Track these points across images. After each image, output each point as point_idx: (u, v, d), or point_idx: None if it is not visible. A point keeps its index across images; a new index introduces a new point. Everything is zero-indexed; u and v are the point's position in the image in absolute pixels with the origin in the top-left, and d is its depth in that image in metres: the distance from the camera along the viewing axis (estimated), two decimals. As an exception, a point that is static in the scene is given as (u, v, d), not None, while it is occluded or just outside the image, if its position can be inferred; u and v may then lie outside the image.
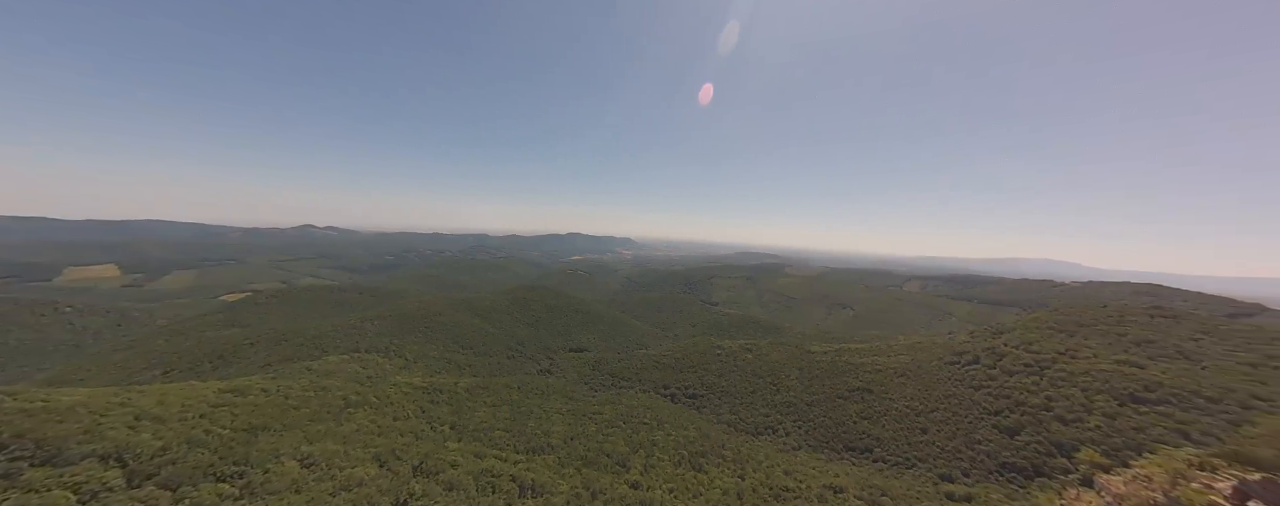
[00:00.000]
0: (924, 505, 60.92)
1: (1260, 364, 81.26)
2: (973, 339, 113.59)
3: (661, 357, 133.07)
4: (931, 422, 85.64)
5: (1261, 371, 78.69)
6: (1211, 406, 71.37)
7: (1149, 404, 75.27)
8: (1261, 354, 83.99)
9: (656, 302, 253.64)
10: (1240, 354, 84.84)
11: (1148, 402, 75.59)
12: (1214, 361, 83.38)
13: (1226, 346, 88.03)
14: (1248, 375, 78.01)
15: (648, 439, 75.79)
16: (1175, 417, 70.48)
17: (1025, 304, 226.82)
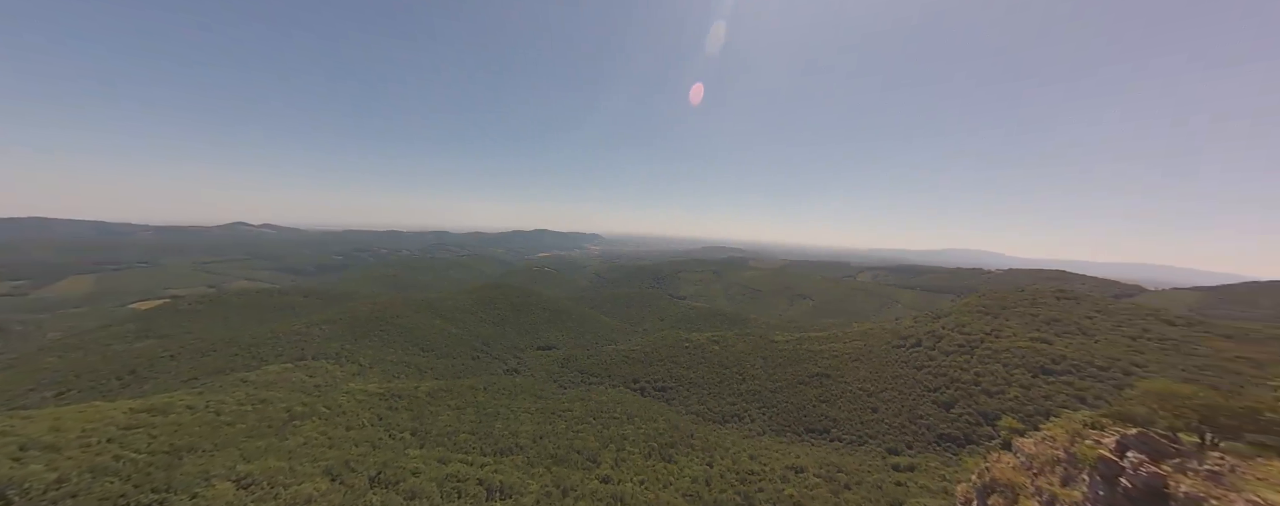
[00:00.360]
0: (874, 477, 67.62)
1: (1138, 336, 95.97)
2: (916, 323, 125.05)
3: (631, 352, 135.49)
4: (881, 402, 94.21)
5: (1139, 342, 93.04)
6: (1102, 374, 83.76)
7: (1056, 374, 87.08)
8: (1139, 327, 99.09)
9: (625, 298, 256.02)
10: (1124, 328, 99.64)
11: (1055, 373, 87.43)
12: (1104, 335, 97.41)
13: (1113, 322, 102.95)
14: (1129, 346, 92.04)
15: (618, 433, 77.91)
16: (1075, 385, 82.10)
17: (958, 290, 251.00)
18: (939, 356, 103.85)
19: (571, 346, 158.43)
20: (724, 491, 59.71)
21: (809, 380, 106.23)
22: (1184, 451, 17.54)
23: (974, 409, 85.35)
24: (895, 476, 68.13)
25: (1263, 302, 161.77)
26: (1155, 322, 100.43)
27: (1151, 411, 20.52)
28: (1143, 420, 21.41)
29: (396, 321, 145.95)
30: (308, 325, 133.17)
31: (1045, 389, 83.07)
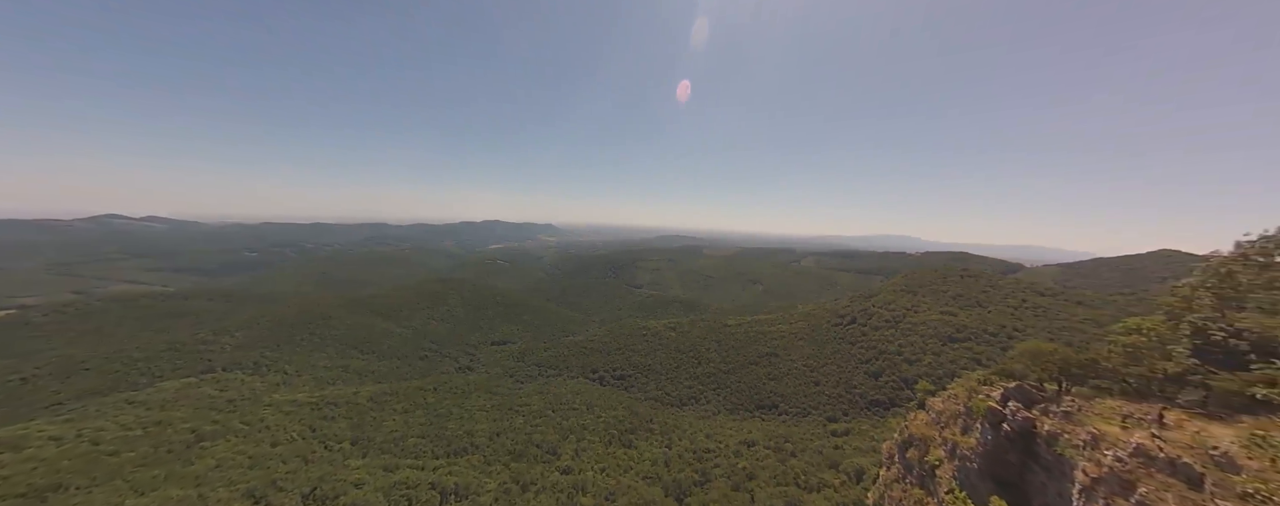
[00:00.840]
0: (815, 443, 74.21)
1: (1018, 306, 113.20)
2: (851, 303, 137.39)
3: (589, 343, 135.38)
4: (822, 376, 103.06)
5: (1019, 311, 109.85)
6: (993, 338, 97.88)
7: (959, 341, 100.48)
8: (1019, 299, 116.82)
9: (582, 289, 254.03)
10: (1009, 300, 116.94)
11: (959, 341, 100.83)
12: (995, 306, 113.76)
13: (1001, 295, 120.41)
14: (1012, 314, 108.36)
15: (578, 424, 78.17)
16: (973, 350, 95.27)
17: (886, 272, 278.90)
18: (870, 331, 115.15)
19: (528, 340, 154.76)
20: (682, 470, 62.47)
21: (759, 360, 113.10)
22: (1047, 397, 21.17)
23: (898, 376, 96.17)
24: (834, 441, 75.31)
25: (1104, 275, 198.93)
26: (1031, 294, 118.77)
27: (1026, 367, 24.48)
28: (1019, 375, 25.45)
29: (329, 323, 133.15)
30: (215, 333, 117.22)
31: (951, 354, 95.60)
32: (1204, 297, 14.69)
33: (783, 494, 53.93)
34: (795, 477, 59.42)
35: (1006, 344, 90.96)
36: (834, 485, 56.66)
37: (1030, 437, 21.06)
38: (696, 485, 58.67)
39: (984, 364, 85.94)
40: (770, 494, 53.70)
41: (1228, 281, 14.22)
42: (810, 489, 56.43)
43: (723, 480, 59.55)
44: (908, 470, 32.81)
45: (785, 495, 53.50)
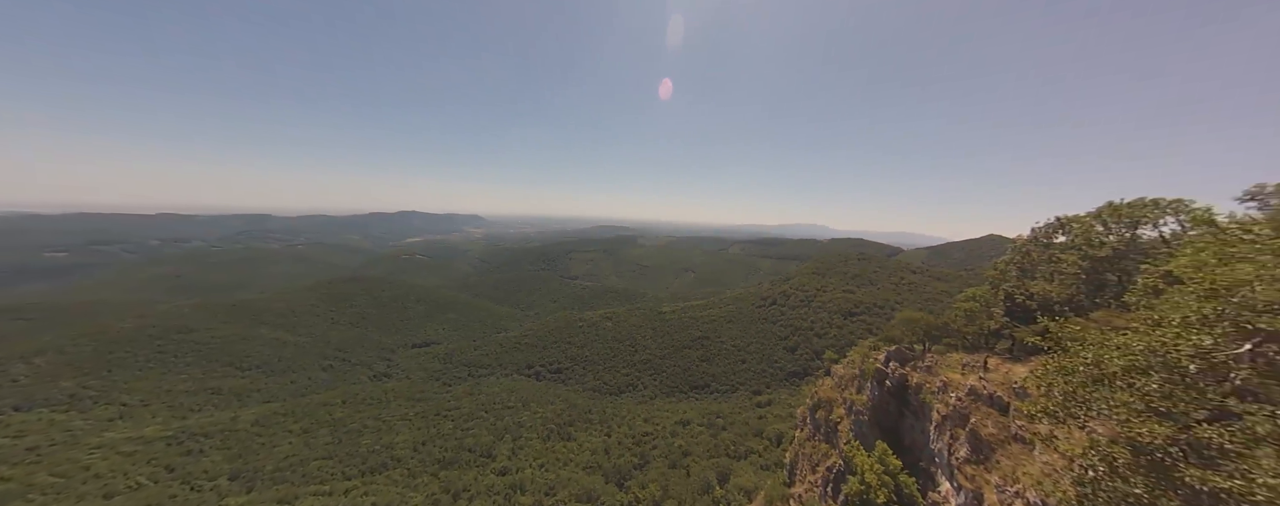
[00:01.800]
0: (743, 416, 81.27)
1: (898, 283, 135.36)
2: (772, 286, 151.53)
3: (523, 338, 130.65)
4: (748, 354, 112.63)
5: (898, 288, 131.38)
6: (880, 311, 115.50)
7: (856, 315, 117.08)
8: (899, 277, 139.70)
9: (514, 282, 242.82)
10: (891, 278, 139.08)
11: (856, 315, 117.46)
12: (882, 284, 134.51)
13: (886, 274, 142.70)
14: (893, 290, 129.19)
15: (513, 422, 75.65)
16: (867, 322, 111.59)
17: (801, 257, 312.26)
18: (787, 311, 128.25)
19: (456, 339, 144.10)
20: (622, 456, 64.16)
21: (692, 344, 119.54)
22: (916, 356, 25.89)
23: (810, 349, 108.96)
24: (758, 412, 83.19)
25: (954, 255, 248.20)
26: (906, 273, 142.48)
27: (901, 333, 29.58)
28: (898, 339, 30.62)
29: (190, 337, 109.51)
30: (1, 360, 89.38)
31: (850, 327, 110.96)
32: (1011, 271, 19.16)
33: (715, 465, 58.48)
34: (726, 448, 64.72)
35: (890, 315, 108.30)
36: (758, 451, 62.93)
37: (904, 389, 25.66)
38: (636, 468, 60.83)
39: (874, 333, 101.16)
40: (704, 466, 57.87)
41: (1026, 258, 18.72)
42: (738, 456, 61.96)
43: (661, 460, 62.56)
44: (817, 429, 37.80)
45: (717, 466, 58.10)
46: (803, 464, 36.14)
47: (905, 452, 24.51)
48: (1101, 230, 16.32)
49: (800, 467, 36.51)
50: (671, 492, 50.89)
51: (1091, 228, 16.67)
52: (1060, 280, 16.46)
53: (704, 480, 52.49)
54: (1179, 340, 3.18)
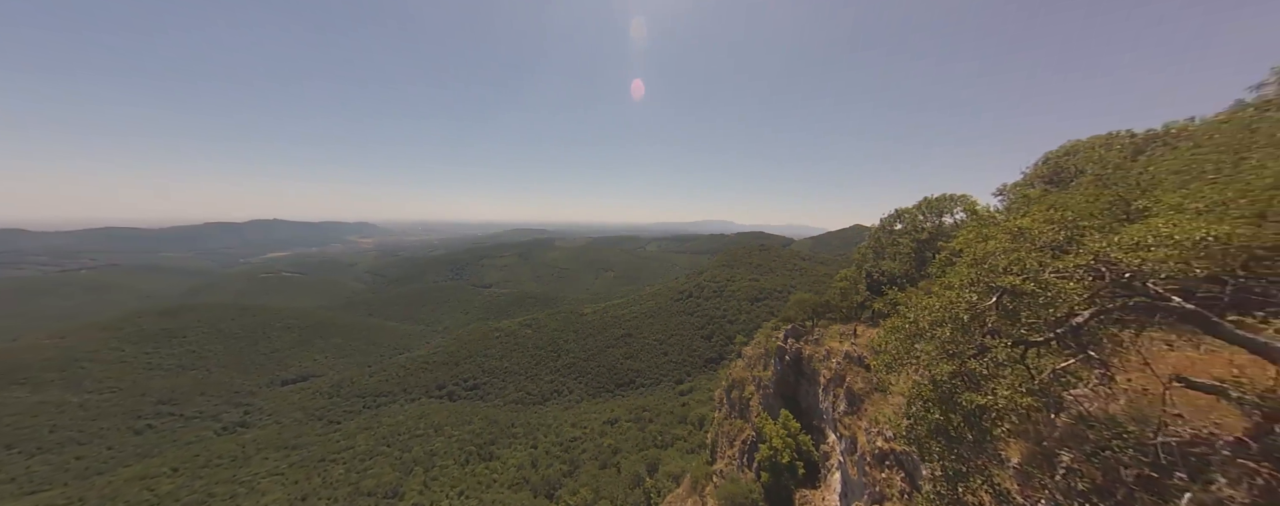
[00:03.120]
0: (668, 406, 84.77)
1: (792, 269, 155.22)
2: (688, 280, 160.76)
3: (432, 357, 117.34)
4: (670, 347, 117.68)
5: (793, 273, 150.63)
6: (780, 295, 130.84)
7: (761, 301, 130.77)
8: (792, 264, 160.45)
9: (417, 295, 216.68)
10: (787, 265, 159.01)
11: (761, 300, 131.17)
12: (780, 271, 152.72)
13: (783, 262, 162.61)
14: (789, 275, 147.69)
15: (424, 452, 67.68)
16: (770, 306, 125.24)
17: (712, 251, 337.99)
18: (702, 302, 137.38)
19: (344, 368, 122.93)
20: (550, 466, 61.90)
21: (615, 343, 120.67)
22: (807, 331, 29.95)
23: (723, 335, 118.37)
24: (681, 399, 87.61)
25: (832, 243, 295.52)
26: (798, 260, 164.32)
27: (796, 312, 33.95)
28: (793, 318, 35.02)
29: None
30: None
31: (757, 311, 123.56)
32: (869, 253, 23.48)
33: (644, 457, 60.02)
34: (654, 439, 66.87)
35: (787, 298, 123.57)
36: (684, 436, 66.38)
37: (800, 361, 29.50)
38: (566, 476, 59.26)
39: (775, 314, 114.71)
40: (634, 461, 58.97)
41: (877, 242, 23.11)
42: (665, 445, 64.55)
43: (591, 462, 61.96)
44: (733, 407, 41.34)
45: (646, 457, 59.72)
46: (722, 441, 39.20)
47: (803, 415, 28.27)
48: (922, 219, 20.97)
49: (720, 445, 39.54)
50: (603, 493, 50.83)
51: (916, 217, 21.31)
52: (899, 259, 20.67)
53: (634, 474, 53.56)
54: (958, 298, 4.20)
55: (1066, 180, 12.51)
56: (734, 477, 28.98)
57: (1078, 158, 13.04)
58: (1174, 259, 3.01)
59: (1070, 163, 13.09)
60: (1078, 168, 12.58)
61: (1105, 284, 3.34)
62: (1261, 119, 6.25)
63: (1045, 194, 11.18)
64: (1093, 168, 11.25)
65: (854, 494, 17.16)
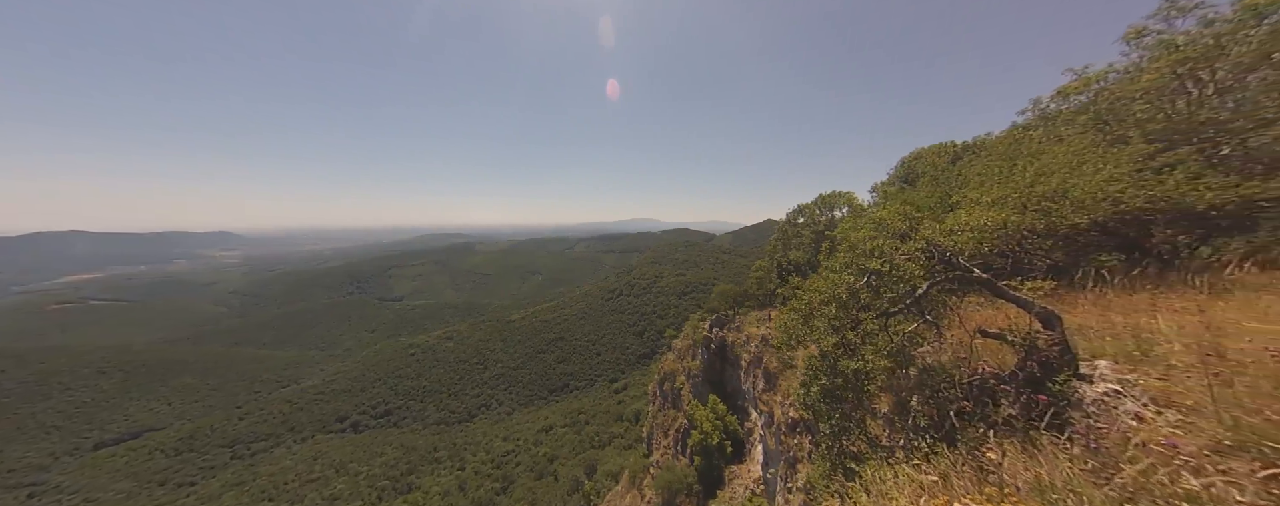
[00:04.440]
0: (604, 405, 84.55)
1: (715, 263, 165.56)
2: (617, 279, 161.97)
3: (327, 386, 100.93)
4: (602, 347, 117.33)
5: (716, 267, 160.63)
6: (705, 288, 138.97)
7: (688, 294, 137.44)
8: (715, 258, 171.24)
9: (306, 316, 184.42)
10: (710, 259, 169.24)
11: (688, 294, 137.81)
12: (704, 266, 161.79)
13: (706, 256, 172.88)
14: (712, 269, 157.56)
15: (322, 498, 58.14)
16: (696, 298, 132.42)
17: (639, 249, 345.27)
18: (632, 299, 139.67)
19: (199, 415, 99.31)
20: (481, 486, 57.67)
21: (547, 348, 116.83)
22: (729, 319, 32.31)
23: (654, 330, 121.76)
24: (617, 398, 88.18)
25: (749, 237, 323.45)
26: (720, 254, 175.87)
27: (719, 303, 36.41)
28: (717, 308, 37.47)
29: None
30: None
31: (684, 305, 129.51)
32: (779, 245, 26.24)
33: (582, 460, 59.19)
34: (591, 441, 66.28)
35: (711, 290, 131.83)
36: (620, 433, 66.93)
37: (724, 348, 31.71)
38: (500, 493, 55.76)
39: (701, 306, 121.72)
40: (571, 466, 57.81)
41: (785, 235, 25.95)
42: (603, 445, 64.44)
43: (527, 474, 59.20)
44: (665, 399, 42.85)
45: (584, 460, 58.97)
46: (657, 433, 40.44)
47: (728, 398, 30.48)
48: (818, 213, 24.12)
49: (656, 437, 40.76)
50: (541, 503, 48.97)
51: (814, 211, 24.44)
52: (801, 248, 23.48)
53: (573, 479, 52.53)
54: (839, 281, 4.94)
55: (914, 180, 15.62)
56: (669, 466, 30.12)
57: (920, 162, 16.41)
58: (972, 241, 4.08)
59: (917, 166, 16.41)
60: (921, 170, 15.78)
61: (934, 262, 4.24)
62: (1024, 137, 8.68)
63: (901, 191, 13.89)
64: (928, 170, 14.31)
65: (773, 461, 19.09)
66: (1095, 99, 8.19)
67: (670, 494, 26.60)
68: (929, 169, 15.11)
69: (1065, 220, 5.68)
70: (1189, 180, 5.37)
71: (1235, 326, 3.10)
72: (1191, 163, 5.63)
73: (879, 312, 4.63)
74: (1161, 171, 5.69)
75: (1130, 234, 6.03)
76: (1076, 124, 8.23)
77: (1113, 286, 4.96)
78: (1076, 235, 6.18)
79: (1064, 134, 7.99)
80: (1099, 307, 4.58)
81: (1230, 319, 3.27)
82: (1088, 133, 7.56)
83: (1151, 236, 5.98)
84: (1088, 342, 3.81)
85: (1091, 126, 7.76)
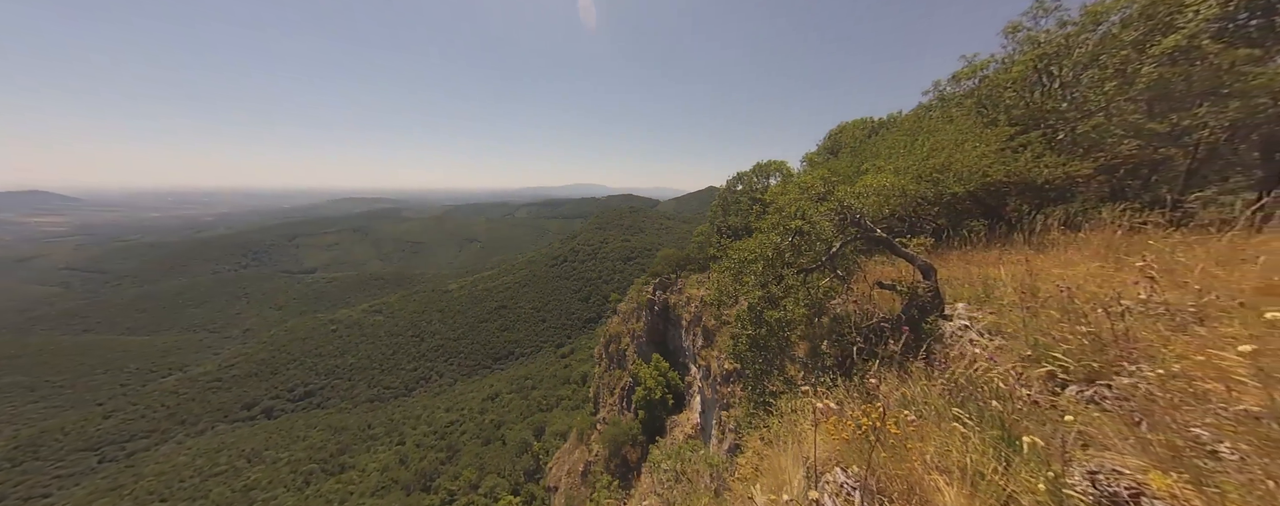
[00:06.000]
0: (550, 370, 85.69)
1: (659, 229, 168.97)
2: (562, 245, 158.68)
3: (225, 371, 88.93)
4: (548, 313, 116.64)
5: (659, 232, 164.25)
6: (649, 253, 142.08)
7: (633, 259, 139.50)
8: (659, 224, 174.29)
9: (187, 294, 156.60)
10: (654, 225, 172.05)
11: (633, 259, 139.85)
12: (649, 231, 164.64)
13: (650, 222, 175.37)
14: (656, 234, 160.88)
15: (234, 490, 53.15)
16: (640, 263, 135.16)
17: (584, 215, 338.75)
18: (577, 266, 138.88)
19: (41, 417, 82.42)
20: (423, 458, 56.71)
21: (489, 316, 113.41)
22: (672, 282, 33.74)
23: (599, 295, 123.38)
24: (563, 362, 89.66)
25: (691, 204, 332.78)
26: (664, 219, 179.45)
27: (662, 267, 37.66)
28: (661, 272, 38.77)
29: None
30: None
31: (629, 270, 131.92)
32: (719, 211, 27.42)
33: (531, 423, 60.50)
34: (538, 404, 67.58)
35: (655, 255, 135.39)
36: (567, 395, 68.99)
37: (667, 310, 33.32)
38: (445, 462, 55.43)
39: (645, 271, 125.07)
40: (519, 429, 58.89)
41: (725, 201, 27.13)
42: (550, 407, 66.18)
43: (473, 441, 59.25)
44: (611, 360, 44.57)
45: (532, 423, 60.33)
46: (603, 392, 42.37)
47: (671, 356, 32.60)
48: (755, 180, 25.44)
49: (602, 396, 42.73)
50: (490, 467, 49.80)
51: (751, 179, 25.71)
52: (739, 214, 24.82)
53: (521, 442, 53.77)
54: (767, 241, 5.39)
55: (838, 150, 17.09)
56: (615, 421, 32.05)
57: (844, 134, 17.94)
58: (876, 202, 4.72)
59: (841, 138, 17.92)
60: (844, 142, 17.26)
61: (847, 223, 4.82)
62: (924, 116, 9.89)
63: (827, 160, 15.18)
64: (850, 142, 15.75)
65: (709, 409, 21.21)
66: (980, 85, 9.46)
67: (616, 445, 28.56)
68: (851, 141, 16.58)
69: (949, 189, 6.72)
70: (1034, 159, 6.59)
71: (1046, 273, 4.03)
72: (1037, 144, 6.87)
73: (799, 269, 5.23)
74: (1018, 151, 6.89)
75: (991, 203, 7.36)
76: (964, 106, 9.51)
77: (975, 246, 6.09)
78: (956, 203, 7.36)
79: (954, 115, 9.21)
80: (963, 262, 5.62)
81: (1044, 267, 4.24)
82: (971, 115, 8.79)
83: (1006, 205, 7.34)
84: (953, 290, 4.72)
85: (974, 110, 9.03)
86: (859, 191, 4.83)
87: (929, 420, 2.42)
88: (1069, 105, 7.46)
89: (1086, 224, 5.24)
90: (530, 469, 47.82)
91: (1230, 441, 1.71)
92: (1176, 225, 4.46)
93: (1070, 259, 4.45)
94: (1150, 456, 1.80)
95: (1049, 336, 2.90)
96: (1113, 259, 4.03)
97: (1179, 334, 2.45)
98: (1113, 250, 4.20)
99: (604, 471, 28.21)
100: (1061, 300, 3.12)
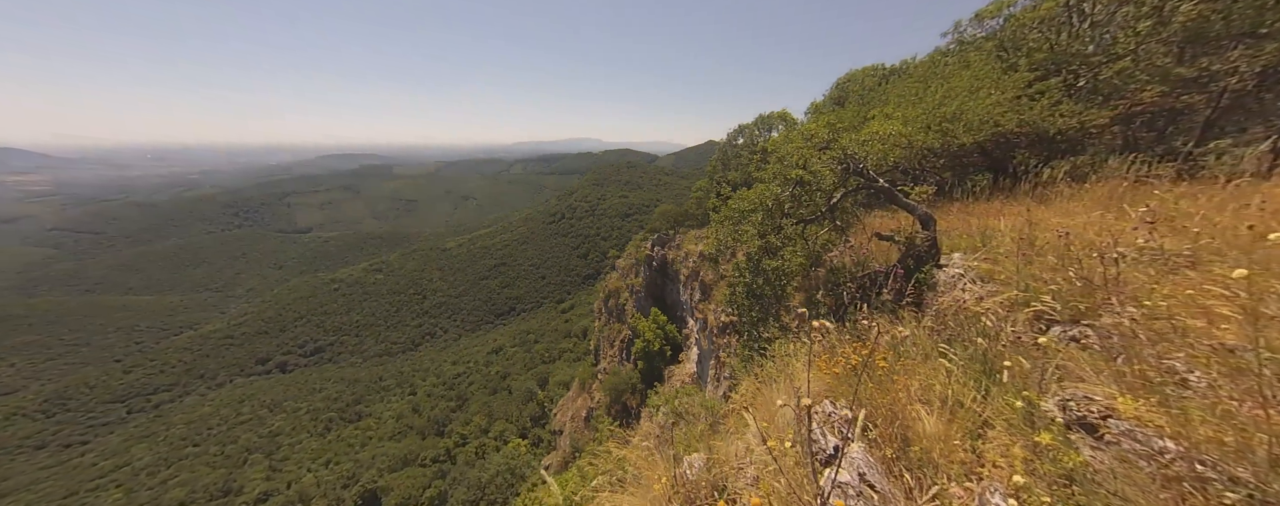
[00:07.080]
0: (552, 325, 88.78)
1: (657, 184, 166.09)
2: (559, 201, 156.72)
3: (235, 329, 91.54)
4: (547, 270, 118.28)
5: (658, 188, 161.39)
6: (647, 209, 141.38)
7: (631, 216, 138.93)
8: (657, 180, 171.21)
9: (185, 254, 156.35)
10: (653, 181, 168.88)
11: (631, 215, 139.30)
12: (646, 188, 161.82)
13: (648, 178, 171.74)
14: (655, 190, 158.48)
15: (260, 436, 57.13)
16: (639, 219, 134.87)
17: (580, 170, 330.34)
18: (575, 222, 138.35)
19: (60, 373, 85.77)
20: (435, 407, 60.47)
21: (489, 273, 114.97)
22: (670, 238, 33.86)
23: (598, 252, 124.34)
24: (563, 317, 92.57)
25: (690, 159, 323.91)
26: (662, 175, 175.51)
27: (660, 223, 37.58)
28: (659, 228, 38.76)
29: None
30: None
31: (628, 226, 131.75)
32: (718, 165, 26.77)
33: (535, 374, 63.92)
34: (541, 357, 70.90)
35: (653, 211, 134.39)
36: (569, 348, 72.17)
37: (665, 265, 33.77)
38: (456, 410, 59.29)
39: (644, 227, 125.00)
40: (524, 379, 62.35)
41: (724, 155, 26.38)
42: (553, 360, 69.49)
43: (480, 391, 62.93)
44: (611, 314, 46.01)
45: (537, 374, 63.75)
46: (604, 344, 44.26)
47: (669, 310, 33.62)
48: (757, 132, 24.52)
49: (603, 348, 44.69)
50: (497, 414, 53.39)
51: (753, 131, 24.77)
52: (740, 168, 24.28)
53: (526, 390, 57.18)
54: (767, 191, 5.30)
55: (845, 100, 16.29)
56: (615, 371, 33.83)
57: (852, 83, 16.98)
58: (880, 150, 4.58)
59: (849, 86, 16.98)
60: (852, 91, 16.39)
61: (849, 172, 4.71)
62: (939, 62, 9.25)
63: (833, 111, 14.53)
64: (859, 91, 14.94)
65: (706, 358, 22.33)
66: (1005, 25, 8.75)
67: (617, 393, 30.43)
68: (859, 90, 15.73)
69: (956, 140, 6.48)
70: (1050, 107, 6.26)
71: (1046, 223, 4.03)
72: (1055, 91, 6.49)
73: (798, 220, 5.21)
74: (1034, 99, 6.53)
75: (998, 155, 7.15)
76: (984, 50, 8.87)
77: (977, 199, 6.03)
78: (962, 155, 7.15)
79: (971, 59, 8.62)
80: (964, 214, 5.60)
81: (1045, 218, 4.23)
82: (990, 60, 8.23)
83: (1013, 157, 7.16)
84: (950, 241, 4.74)
85: (994, 53, 8.43)
86: (864, 139, 4.66)
87: (915, 359, 2.55)
88: (1096, 48, 6.98)
89: (1094, 175, 5.15)
90: (536, 415, 51.34)
91: (1202, 370, 1.81)
92: (1185, 177, 4.38)
93: (1072, 210, 4.43)
94: (1122, 384, 1.92)
95: (1040, 281, 2.97)
96: (1115, 209, 4.02)
97: (1170, 276, 2.51)
98: (1116, 200, 4.17)
99: (606, 416, 30.35)
100: (1057, 247, 3.15)
